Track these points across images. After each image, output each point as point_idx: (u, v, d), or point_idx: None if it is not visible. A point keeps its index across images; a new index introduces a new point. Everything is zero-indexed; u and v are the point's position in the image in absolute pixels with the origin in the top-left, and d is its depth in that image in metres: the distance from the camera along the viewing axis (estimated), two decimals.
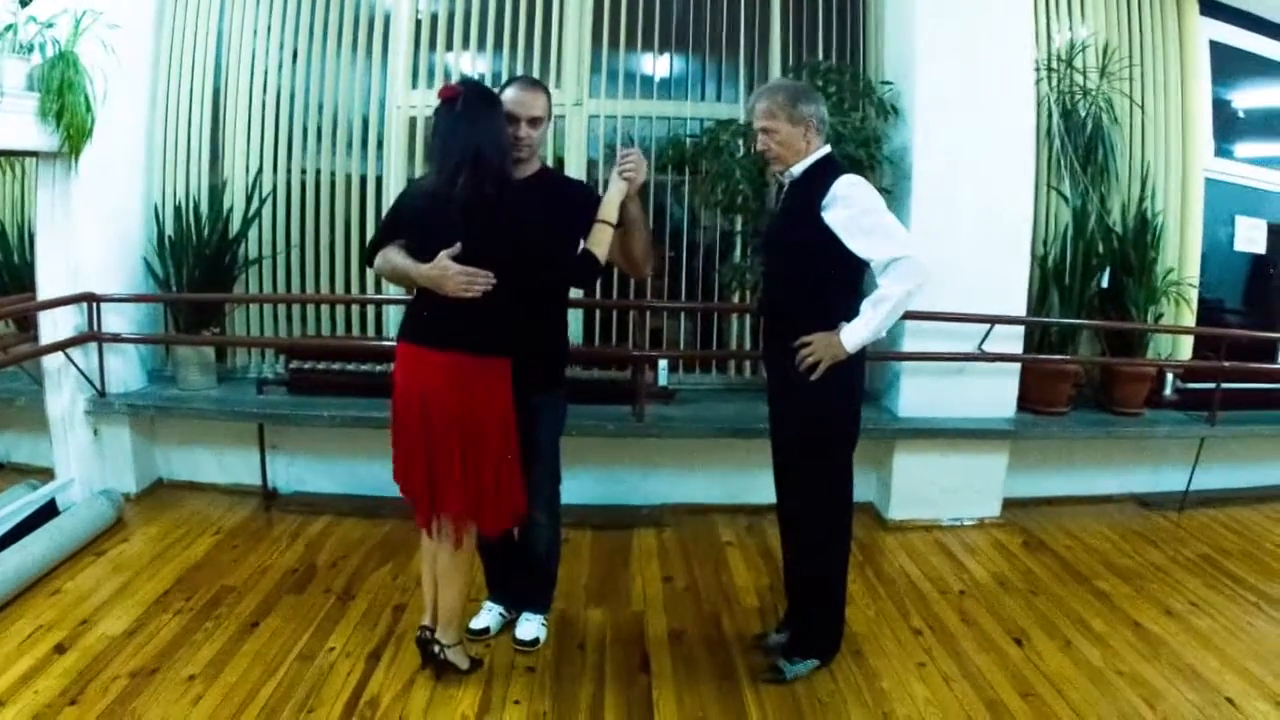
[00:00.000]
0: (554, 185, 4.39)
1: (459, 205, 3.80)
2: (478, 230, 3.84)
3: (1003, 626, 4.96)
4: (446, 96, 3.87)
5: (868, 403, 6.58)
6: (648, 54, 7.11)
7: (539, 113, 4.22)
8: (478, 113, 3.86)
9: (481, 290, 3.85)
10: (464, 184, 3.78)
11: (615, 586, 5.51)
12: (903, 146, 6.32)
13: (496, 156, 3.88)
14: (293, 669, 4.47)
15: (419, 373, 4.01)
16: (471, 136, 3.82)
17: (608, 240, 4.09)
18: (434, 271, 3.86)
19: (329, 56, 7.11)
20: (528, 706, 4.22)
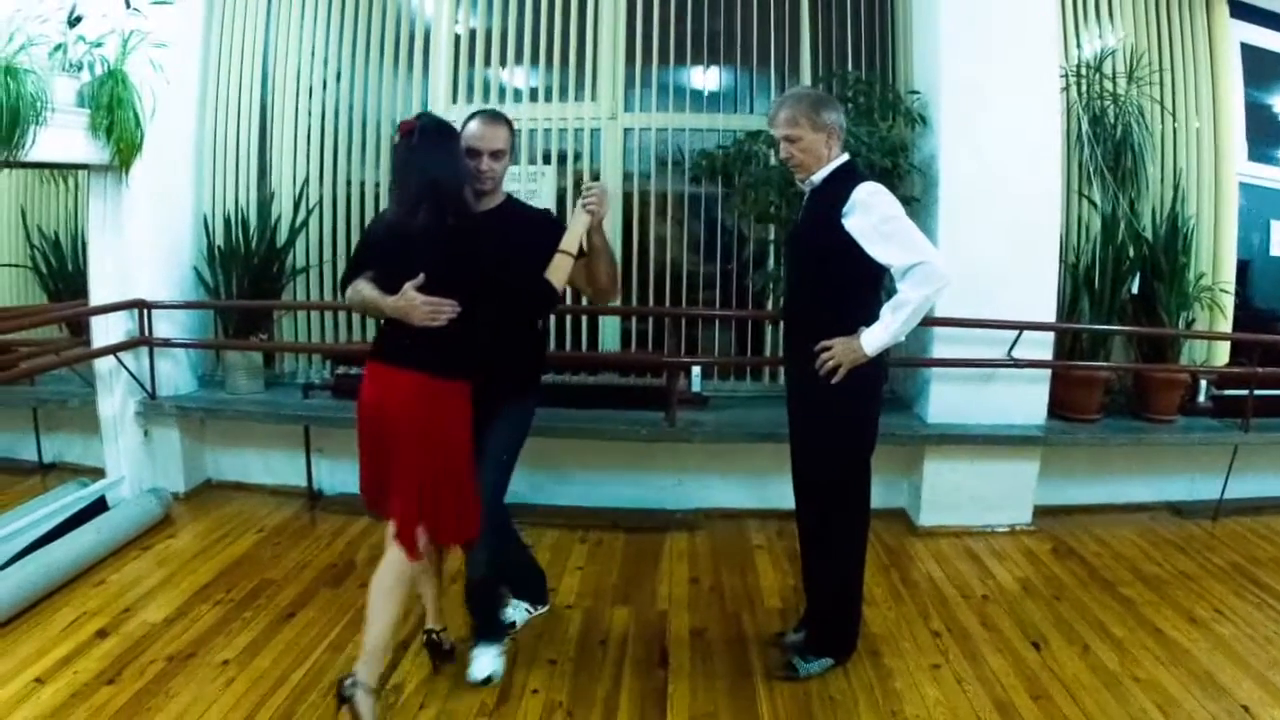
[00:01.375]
0: (517, 216, 4.41)
1: (420, 236, 3.86)
2: (440, 260, 3.89)
3: (1022, 631, 4.92)
4: (404, 131, 3.94)
5: (898, 409, 6.65)
6: (680, 67, 7.14)
7: (500, 145, 4.24)
8: (434, 145, 3.92)
9: (447, 319, 3.90)
10: (424, 215, 3.84)
11: (642, 586, 5.55)
12: (931, 155, 6.29)
13: (454, 187, 3.94)
14: (323, 657, 4.62)
15: (383, 389, 4.03)
16: (428, 168, 3.88)
17: (566, 270, 4.14)
18: (400, 303, 3.90)
19: (372, 73, 7.25)
20: (545, 696, 4.31)
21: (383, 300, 3.97)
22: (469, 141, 4.16)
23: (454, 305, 3.90)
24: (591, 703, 4.26)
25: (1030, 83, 6.14)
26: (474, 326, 3.99)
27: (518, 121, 7.01)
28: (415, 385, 3.97)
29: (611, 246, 4.52)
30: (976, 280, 5.88)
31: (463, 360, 4.04)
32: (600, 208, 4.19)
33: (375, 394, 4.05)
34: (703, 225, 7.25)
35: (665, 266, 7.25)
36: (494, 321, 4.09)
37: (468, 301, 3.94)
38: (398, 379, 3.99)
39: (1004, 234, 6.09)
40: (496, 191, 4.35)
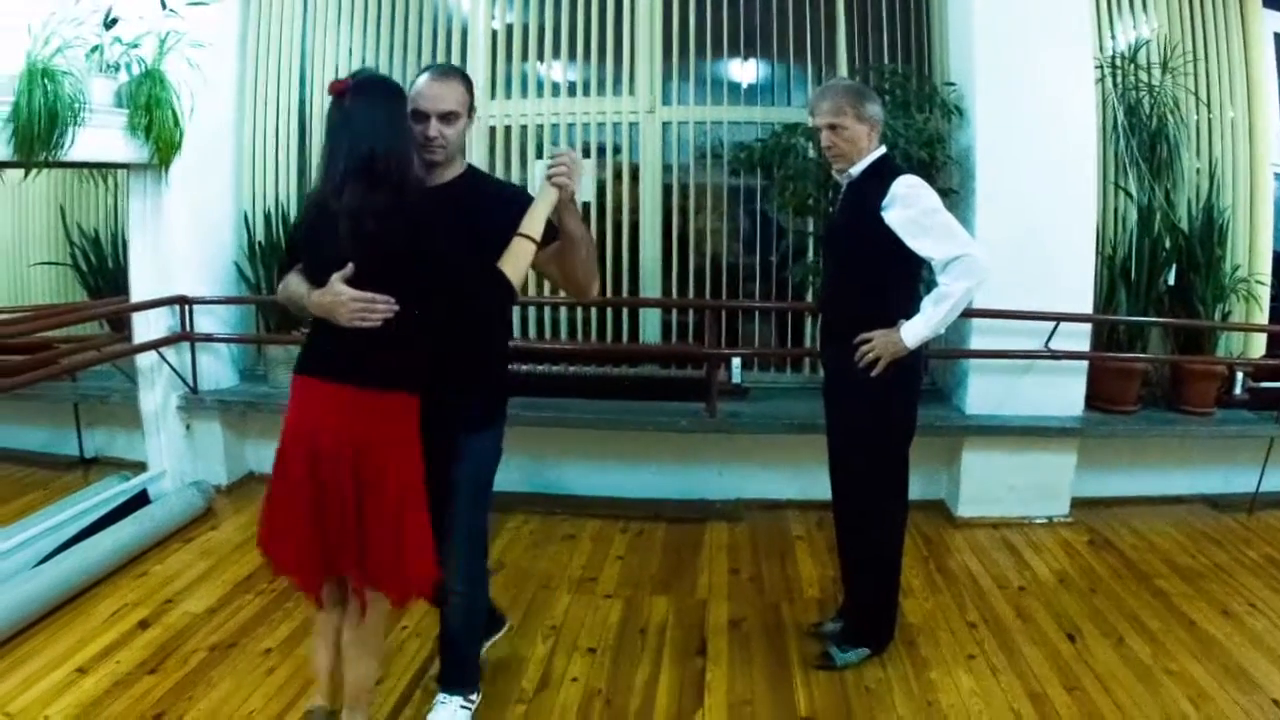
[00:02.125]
0: (476, 193, 3.67)
1: (348, 218, 3.21)
2: (372, 247, 3.25)
3: (1057, 622, 4.96)
4: (335, 91, 3.32)
5: (937, 400, 6.72)
6: (717, 60, 7.21)
7: (451, 105, 3.52)
8: (370, 107, 3.28)
9: (381, 319, 3.28)
10: (352, 193, 3.19)
11: (682, 576, 5.64)
12: (968, 147, 6.34)
13: (394, 158, 3.26)
14: None
15: (309, 409, 3.45)
16: (363, 136, 3.23)
17: (525, 258, 3.46)
18: (325, 299, 3.30)
19: (410, 69, 7.29)
20: (584, 684, 4.40)
21: (307, 295, 3.39)
22: (414, 102, 3.47)
23: (389, 302, 3.27)
24: (630, 690, 4.34)
25: (1066, 74, 6.17)
26: (417, 329, 3.39)
27: (555, 116, 7.13)
28: (347, 400, 3.37)
29: (588, 229, 3.98)
30: (1014, 272, 5.93)
31: (405, 368, 3.43)
32: (570, 180, 3.51)
33: (298, 415, 3.48)
34: (742, 217, 7.34)
35: (705, 258, 7.33)
36: (442, 324, 3.50)
37: (408, 298, 3.32)
38: (325, 394, 3.40)
39: (1041, 226, 6.14)
40: (453, 162, 3.64)
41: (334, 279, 3.27)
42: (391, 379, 3.40)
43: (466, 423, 3.70)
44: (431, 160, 3.53)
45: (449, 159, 3.60)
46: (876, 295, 4.27)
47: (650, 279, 7.31)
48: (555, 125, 7.30)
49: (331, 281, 3.27)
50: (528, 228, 3.46)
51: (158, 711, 4.11)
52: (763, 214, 7.23)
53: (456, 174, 3.66)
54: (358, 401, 3.36)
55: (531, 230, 3.46)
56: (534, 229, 3.46)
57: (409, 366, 3.43)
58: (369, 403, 3.37)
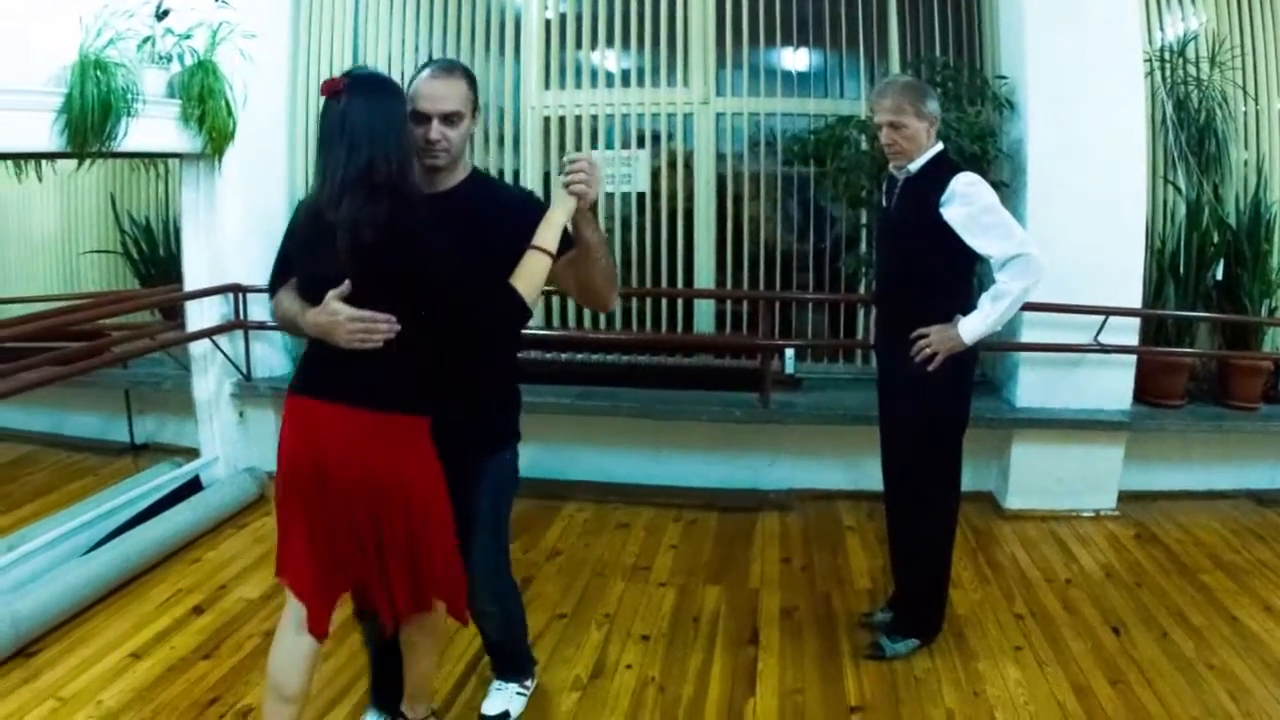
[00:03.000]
0: (485, 200, 3.48)
1: (346, 231, 3.01)
2: (372, 263, 3.07)
3: (1103, 615, 5.09)
4: (329, 91, 3.14)
5: (988, 392, 6.85)
6: (770, 50, 7.35)
7: (456, 105, 3.33)
8: (369, 109, 3.10)
9: (382, 340, 3.14)
10: (351, 204, 3.01)
11: (735, 565, 5.82)
12: (1019, 140, 6.46)
13: (393, 166, 3.08)
14: None
15: (310, 433, 3.25)
16: (361, 141, 3.05)
17: (541, 273, 3.26)
18: (321, 318, 3.14)
19: (463, 56, 7.48)
20: (638, 671, 4.60)
21: (303, 314, 3.22)
22: (415, 102, 3.29)
23: (391, 321, 3.13)
24: (683, 678, 4.52)
25: (1116, 68, 6.28)
26: (421, 350, 3.27)
27: (610, 107, 7.30)
28: (349, 422, 3.21)
29: (607, 238, 3.66)
30: (1064, 266, 5.96)
31: (410, 389, 3.29)
32: (589, 188, 3.32)
33: (298, 440, 3.29)
34: (795, 207, 7.50)
35: (759, 247, 7.50)
36: (449, 344, 3.35)
37: (410, 316, 3.18)
38: (325, 416, 3.23)
39: (1091, 220, 6.25)
40: (456, 166, 3.46)
41: (330, 297, 3.11)
42: (399, 401, 3.25)
43: (480, 443, 3.61)
44: (433, 165, 3.36)
45: (452, 163, 3.42)
46: (933, 291, 4.42)
47: (704, 268, 7.49)
48: (610, 116, 7.48)
49: (328, 300, 3.12)
50: (542, 240, 3.27)
51: (213, 696, 4.30)
52: (815, 203, 7.39)
53: (460, 180, 3.48)
54: (366, 424, 3.21)
55: (546, 242, 3.27)
56: (549, 241, 3.27)
57: (412, 386, 3.28)
58: (372, 425, 3.21)
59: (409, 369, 3.26)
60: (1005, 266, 4.22)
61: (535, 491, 6.67)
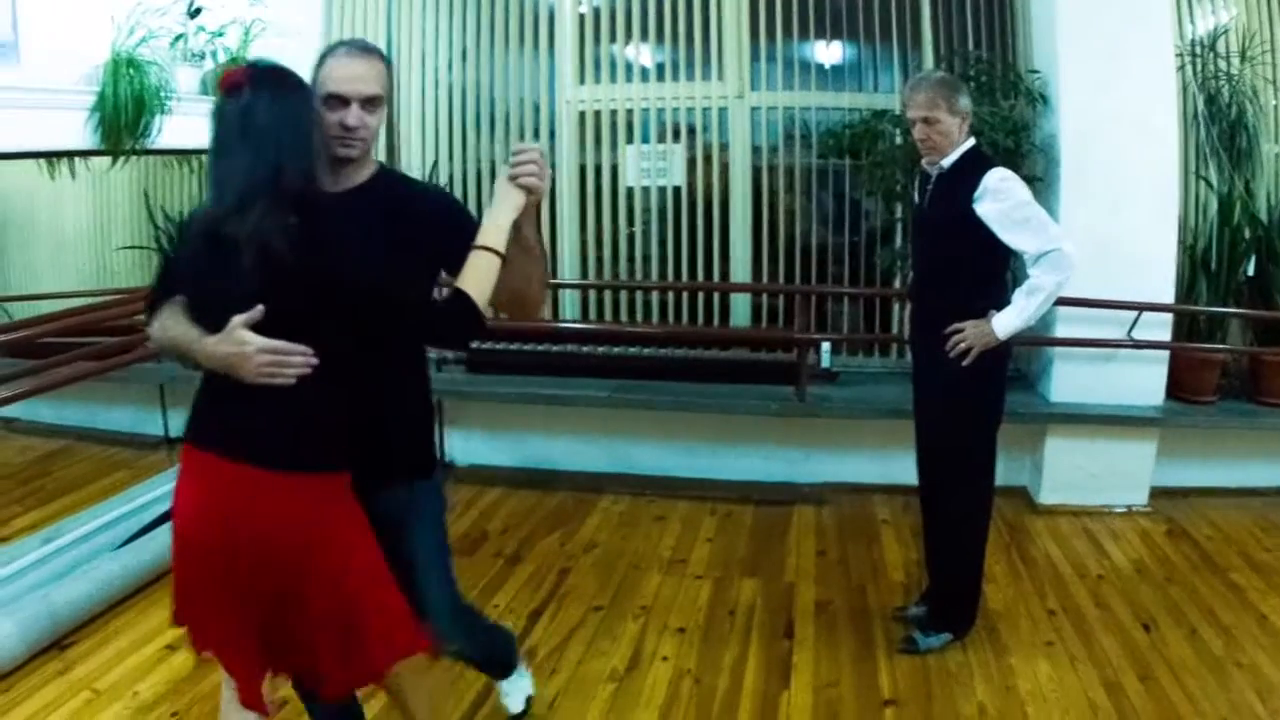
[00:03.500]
0: (400, 198, 3.15)
1: (254, 247, 2.60)
2: (285, 281, 2.65)
3: (1134, 612, 5.17)
4: (228, 86, 2.78)
5: (1022, 387, 6.90)
6: (804, 43, 7.42)
7: (376, 89, 3.00)
8: (275, 105, 2.75)
9: (296, 375, 2.69)
10: (258, 215, 2.62)
11: (770, 559, 5.95)
12: (1052, 134, 6.52)
13: (304, 170, 2.74)
14: None
15: (209, 496, 2.78)
16: (268, 142, 2.70)
17: (492, 276, 2.89)
18: (225, 349, 2.68)
19: (498, 52, 7.65)
20: (674, 663, 4.73)
21: (200, 345, 2.76)
22: (331, 85, 2.95)
23: (307, 352, 2.69)
24: (718, 670, 4.65)
25: (1148, 62, 6.32)
26: (340, 386, 2.80)
27: (645, 101, 7.41)
28: (262, 486, 2.73)
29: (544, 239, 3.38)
30: (1097, 261, 6.07)
31: (331, 437, 2.84)
32: (540, 180, 2.98)
33: (197, 502, 2.81)
34: (830, 200, 7.59)
35: (795, 241, 7.59)
36: (378, 368, 2.99)
37: (329, 344, 2.73)
38: (231, 476, 2.74)
39: (1124, 215, 6.31)
40: (366, 160, 3.11)
41: (235, 323, 2.67)
42: (314, 456, 2.80)
43: (408, 473, 3.24)
44: (347, 155, 3.00)
45: (364, 155, 3.08)
46: (967, 286, 4.52)
47: (740, 262, 7.59)
48: (645, 110, 7.59)
49: (231, 327, 2.67)
50: (489, 238, 2.91)
51: None
52: (851, 197, 7.47)
53: (369, 175, 3.12)
54: (275, 488, 2.74)
55: (493, 241, 2.91)
56: (496, 239, 2.92)
57: (333, 435, 2.84)
58: (290, 489, 2.75)
59: (325, 411, 2.80)
60: (1038, 262, 4.32)
61: (572, 484, 6.98)
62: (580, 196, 7.74)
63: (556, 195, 7.69)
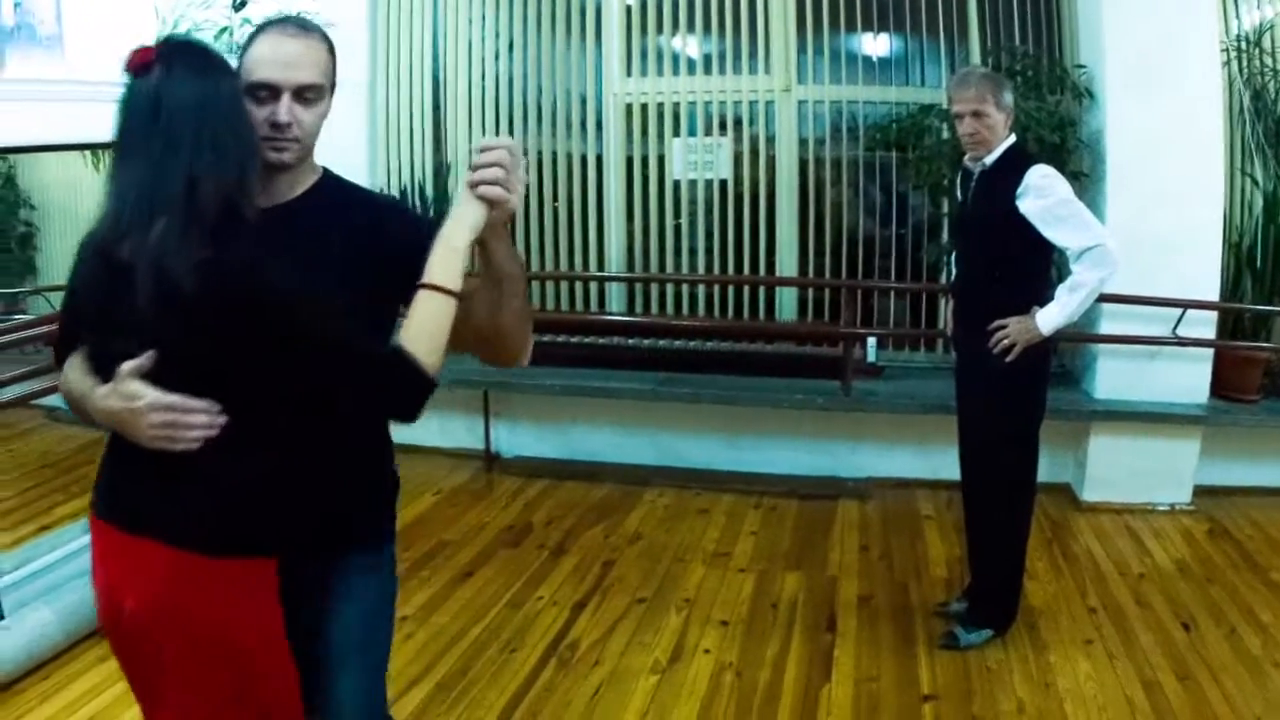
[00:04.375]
0: (343, 214, 2.47)
1: (152, 274, 2.03)
2: (190, 320, 2.07)
3: (1173, 611, 5.21)
4: (136, 65, 2.17)
5: (1067, 384, 6.94)
6: (851, 35, 7.48)
7: (314, 76, 2.38)
8: (197, 92, 2.16)
9: (201, 437, 2.15)
10: (162, 233, 2.04)
11: (814, 552, 6.05)
12: (1098, 130, 6.54)
13: (228, 178, 2.14)
14: (501, 614, 5.23)
15: (115, 575, 2.30)
16: (183, 139, 2.12)
17: (443, 322, 2.20)
18: (113, 404, 2.16)
19: (545, 43, 7.75)
20: (716, 656, 4.82)
21: (92, 396, 2.24)
22: (257, 72, 2.32)
23: (211, 409, 2.15)
24: (760, 663, 4.74)
25: (1192, 57, 6.31)
26: (271, 444, 2.26)
27: (692, 94, 7.50)
28: (170, 568, 2.21)
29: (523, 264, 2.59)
30: (1143, 257, 6.10)
31: (247, 515, 2.27)
32: (511, 190, 2.23)
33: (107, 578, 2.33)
34: (877, 193, 7.65)
35: (841, 234, 7.66)
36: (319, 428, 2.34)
37: (247, 399, 2.18)
38: (138, 555, 2.24)
39: (1170, 211, 6.31)
40: (305, 166, 2.47)
41: (124, 374, 2.13)
42: (229, 535, 2.25)
43: (345, 548, 2.59)
44: (278, 161, 2.36)
45: (300, 161, 2.43)
46: (1011, 282, 4.59)
47: (786, 255, 7.67)
48: (692, 103, 7.68)
49: (120, 377, 2.14)
50: (438, 273, 2.20)
51: None
52: (898, 191, 7.53)
53: (310, 185, 2.49)
54: (184, 572, 2.22)
55: (443, 275, 2.20)
56: (448, 273, 2.21)
57: (254, 508, 2.28)
58: (202, 574, 2.23)
59: (242, 479, 2.25)
60: (1081, 258, 4.40)
61: (617, 477, 7.13)
62: (627, 189, 7.85)
63: (604, 188, 7.83)
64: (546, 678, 4.63)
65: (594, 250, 7.92)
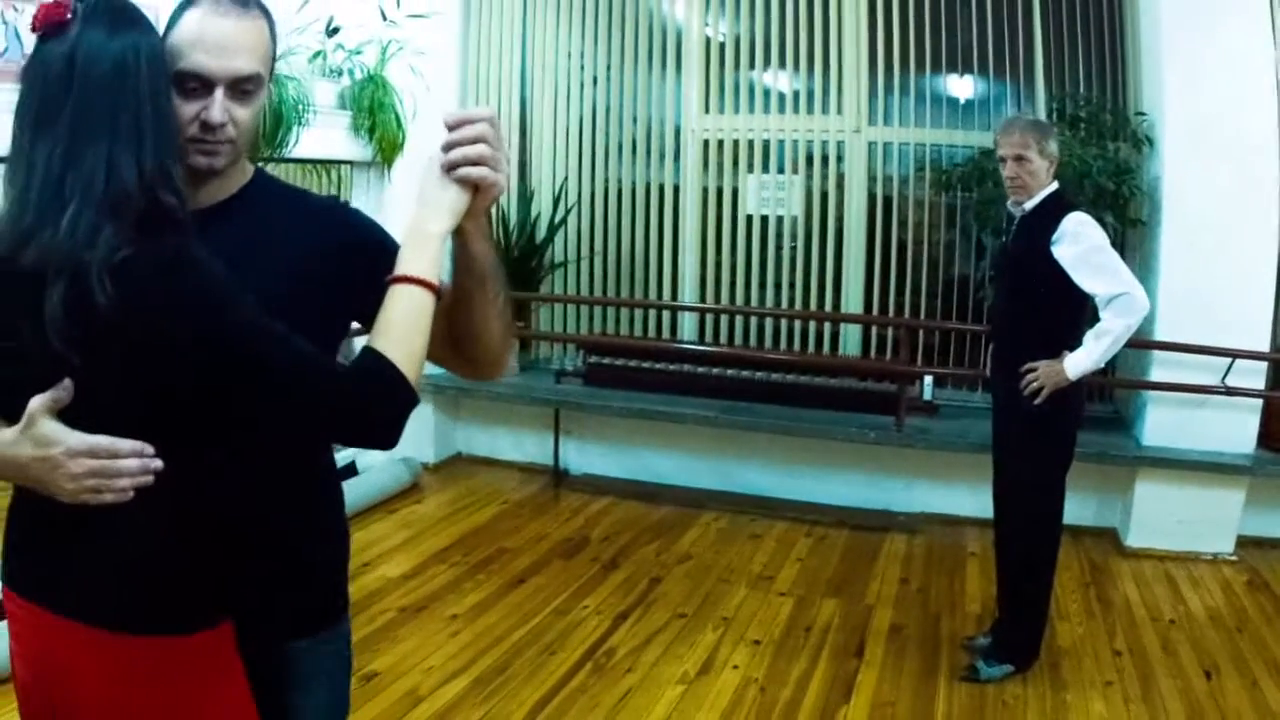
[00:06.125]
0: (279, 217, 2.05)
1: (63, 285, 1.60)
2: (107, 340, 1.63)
3: (1199, 658, 5.15)
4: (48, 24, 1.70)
5: (1117, 429, 6.91)
6: (920, 78, 7.52)
7: (253, 65, 1.88)
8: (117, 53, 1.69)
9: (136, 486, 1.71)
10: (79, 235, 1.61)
11: (854, 581, 6.09)
12: (1156, 178, 6.53)
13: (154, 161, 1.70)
14: (546, 620, 5.37)
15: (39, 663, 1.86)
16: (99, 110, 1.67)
17: (423, 323, 1.82)
18: (23, 453, 1.70)
19: (627, 76, 7.93)
20: (743, 672, 4.90)
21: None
22: (185, 57, 1.81)
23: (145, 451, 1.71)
24: (784, 682, 4.81)
25: (1251, 108, 6.27)
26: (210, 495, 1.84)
27: (766, 132, 7.61)
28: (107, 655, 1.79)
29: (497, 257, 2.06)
30: (1194, 306, 6.16)
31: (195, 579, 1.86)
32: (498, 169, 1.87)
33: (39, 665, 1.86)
34: (944, 234, 7.69)
35: (906, 273, 7.67)
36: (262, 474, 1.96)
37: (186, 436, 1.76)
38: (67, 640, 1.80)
39: (1224, 260, 6.27)
40: (236, 168, 2.00)
41: (34, 411, 1.69)
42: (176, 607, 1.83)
43: (305, 619, 2.15)
44: (208, 167, 1.91)
45: (233, 162, 1.97)
46: (1043, 326, 4.64)
47: (853, 292, 7.71)
48: (766, 140, 7.77)
49: (30, 417, 1.70)
50: (413, 262, 1.83)
51: None
52: (963, 231, 7.55)
53: (241, 186, 2.04)
54: (125, 658, 1.80)
55: (419, 265, 1.83)
56: (425, 263, 1.84)
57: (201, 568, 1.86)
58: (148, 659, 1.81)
59: (185, 534, 1.84)
60: (1109, 305, 4.45)
61: (677, 499, 7.26)
62: (702, 222, 7.97)
63: (680, 219, 7.96)
64: (580, 680, 4.76)
65: (668, 279, 8.04)
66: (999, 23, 7.29)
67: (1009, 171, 4.63)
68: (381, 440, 1.82)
